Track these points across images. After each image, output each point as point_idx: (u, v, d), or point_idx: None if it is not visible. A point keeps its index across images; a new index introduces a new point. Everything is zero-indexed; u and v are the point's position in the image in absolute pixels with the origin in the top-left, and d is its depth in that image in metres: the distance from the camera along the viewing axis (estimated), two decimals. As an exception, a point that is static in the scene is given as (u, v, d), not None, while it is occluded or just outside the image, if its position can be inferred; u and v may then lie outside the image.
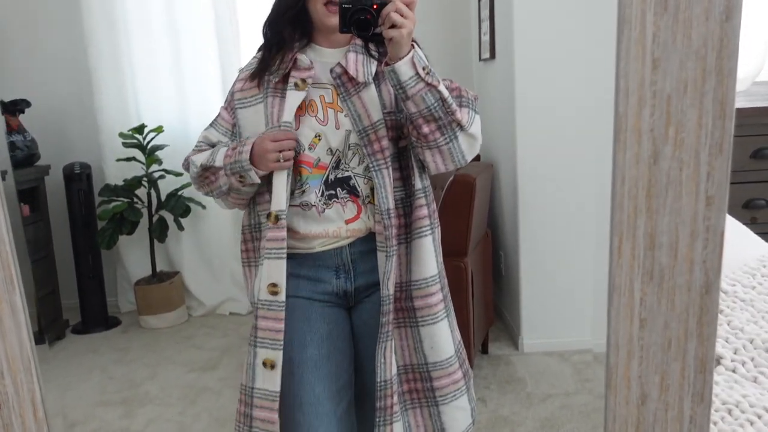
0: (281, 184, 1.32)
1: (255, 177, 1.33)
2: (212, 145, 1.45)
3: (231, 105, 1.43)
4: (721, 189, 0.68)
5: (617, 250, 0.71)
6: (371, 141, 1.31)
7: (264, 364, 1.33)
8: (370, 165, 1.31)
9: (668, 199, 0.69)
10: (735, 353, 1.22)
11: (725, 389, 1.11)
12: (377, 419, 1.36)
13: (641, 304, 0.72)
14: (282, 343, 1.33)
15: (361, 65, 1.34)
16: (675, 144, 0.68)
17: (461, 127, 1.28)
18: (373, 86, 1.34)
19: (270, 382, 1.33)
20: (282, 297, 1.33)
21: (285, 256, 1.33)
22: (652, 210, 0.70)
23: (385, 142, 1.32)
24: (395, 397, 1.37)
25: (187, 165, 1.48)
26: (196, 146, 1.47)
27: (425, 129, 1.27)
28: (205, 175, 1.42)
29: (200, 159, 1.42)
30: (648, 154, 0.68)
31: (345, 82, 1.33)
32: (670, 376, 0.73)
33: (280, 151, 1.30)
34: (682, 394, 0.74)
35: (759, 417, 1.02)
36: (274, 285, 1.33)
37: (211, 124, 1.47)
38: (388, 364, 1.34)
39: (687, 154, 0.68)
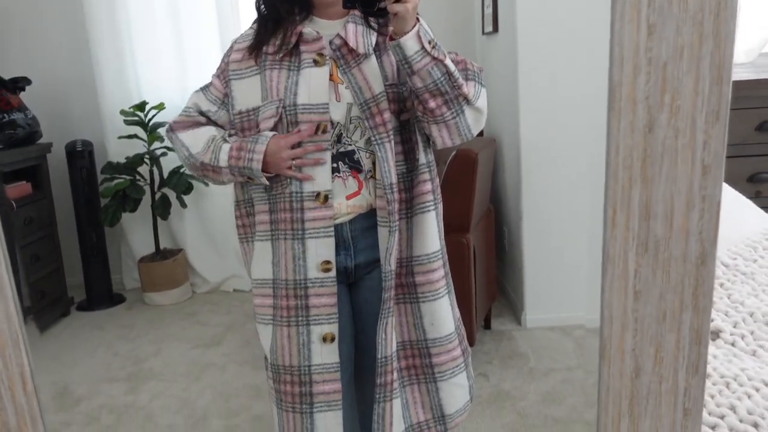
0: (325, 164, 1.31)
1: (265, 181, 1.32)
2: (201, 113, 1.41)
3: (225, 75, 1.40)
4: (717, 157, 0.67)
5: (611, 220, 0.70)
6: (373, 114, 1.30)
7: (324, 339, 1.33)
8: (372, 138, 1.30)
9: (663, 168, 0.68)
10: (734, 327, 1.22)
11: (724, 363, 1.10)
12: (377, 395, 1.36)
13: (636, 276, 0.71)
14: (338, 316, 1.34)
15: (360, 36, 1.32)
16: (671, 112, 0.66)
17: (468, 101, 1.26)
18: (373, 57, 1.32)
19: (331, 355, 1.34)
20: (333, 273, 1.33)
21: (333, 233, 1.32)
22: (647, 179, 0.68)
23: (387, 115, 1.30)
24: (395, 374, 1.37)
25: (170, 134, 1.44)
26: (185, 111, 1.43)
27: (432, 104, 1.25)
28: (204, 169, 1.39)
29: (193, 144, 1.38)
30: (643, 123, 0.67)
31: (345, 54, 1.31)
32: (664, 348, 0.73)
33: (295, 158, 1.30)
34: (677, 366, 0.73)
35: (757, 390, 1.02)
36: (327, 263, 1.32)
37: (202, 90, 1.43)
38: (389, 341, 1.34)
39: (683, 121, 0.67)
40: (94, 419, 2.49)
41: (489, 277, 2.91)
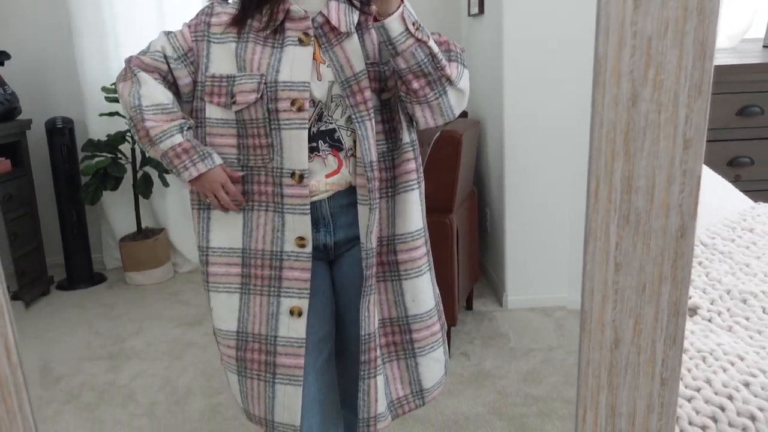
0: (301, 143, 1.30)
1: (185, 188, 1.33)
2: (165, 59, 1.35)
3: (199, 31, 1.35)
4: (699, 131, 0.68)
5: (594, 193, 0.71)
6: (354, 92, 1.30)
7: (291, 312, 1.34)
8: (353, 116, 1.30)
9: (646, 142, 0.69)
10: (712, 303, 1.24)
11: (701, 338, 1.12)
12: (361, 372, 1.37)
13: (617, 248, 0.72)
14: (309, 291, 1.34)
15: (343, 14, 1.31)
16: (654, 86, 0.67)
17: (450, 82, 1.27)
18: (355, 36, 1.32)
19: (297, 329, 1.35)
20: (309, 249, 1.33)
21: (308, 211, 1.32)
22: (629, 153, 0.69)
23: (368, 93, 1.30)
24: (378, 351, 1.38)
25: (131, 70, 1.36)
26: (152, 55, 1.36)
27: (415, 85, 1.25)
28: (142, 131, 1.34)
29: (148, 99, 1.32)
30: (627, 97, 0.68)
31: (327, 32, 1.31)
32: (643, 320, 0.74)
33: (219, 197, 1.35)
34: (655, 338, 0.74)
35: (732, 364, 1.04)
36: (301, 238, 1.33)
37: (167, 34, 1.38)
38: (372, 318, 1.35)
39: (666, 96, 0.67)
40: (75, 397, 2.48)
41: (471, 258, 2.93)
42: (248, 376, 1.39)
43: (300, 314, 1.34)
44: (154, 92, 1.34)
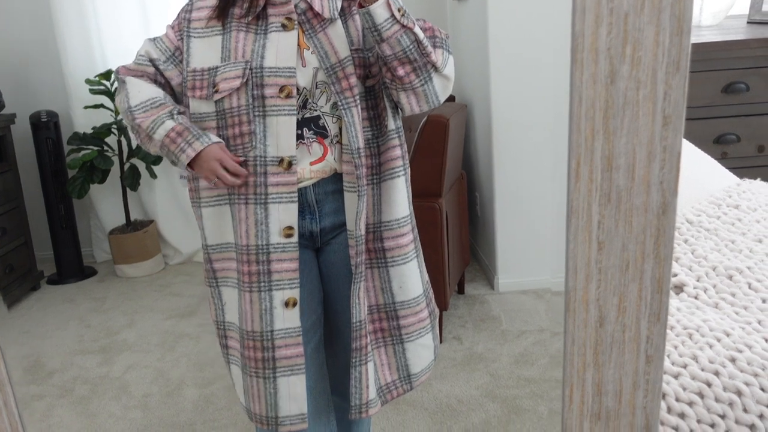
0: (289, 129, 1.29)
1: (186, 174, 1.32)
2: (152, 62, 1.37)
3: (181, 28, 1.36)
4: (678, 108, 0.68)
5: (575, 172, 0.71)
6: (339, 78, 1.29)
7: (286, 304, 1.33)
8: (339, 103, 1.29)
9: (625, 119, 0.69)
10: (698, 281, 1.24)
11: (687, 315, 1.13)
12: (353, 359, 1.37)
13: (599, 227, 0.72)
14: (299, 281, 1.34)
15: (326, 1, 1.31)
16: (632, 63, 0.67)
17: (436, 68, 1.27)
18: (339, 22, 1.31)
19: (292, 320, 1.34)
20: (296, 239, 1.32)
21: (296, 199, 1.31)
22: (609, 131, 0.69)
23: (353, 80, 1.29)
24: (369, 337, 1.38)
25: (120, 80, 1.39)
26: (137, 60, 1.39)
27: (400, 71, 1.25)
28: (137, 130, 1.36)
29: (137, 99, 1.34)
30: (605, 74, 0.68)
31: (310, 18, 1.30)
32: (627, 298, 0.74)
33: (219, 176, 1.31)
34: (639, 315, 0.75)
35: (718, 340, 1.05)
36: (290, 228, 1.31)
37: (153, 40, 1.39)
38: (362, 305, 1.35)
39: (644, 73, 0.67)
40: (68, 391, 2.48)
41: (462, 242, 2.94)
42: (248, 374, 1.38)
43: (295, 304, 1.34)
44: (142, 90, 1.34)
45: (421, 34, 1.22)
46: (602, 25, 0.66)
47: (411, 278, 1.42)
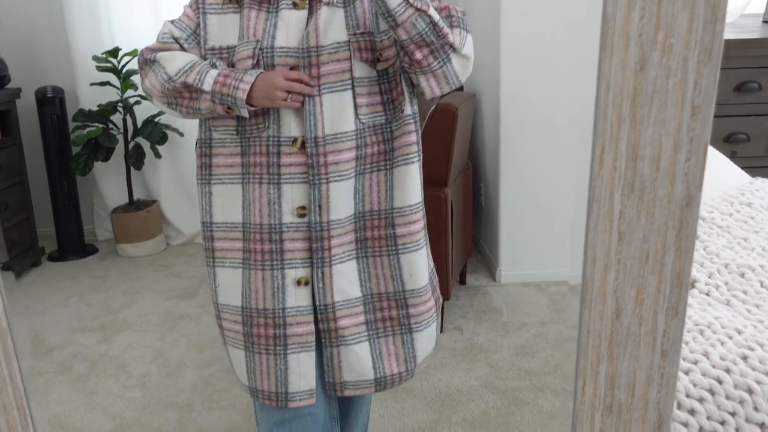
0: (300, 109, 1.28)
1: (245, 113, 1.28)
2: (175, 40, 1.36)
3: (198, 5, 1.35)
4: (708, 98, 0.66)
5: (599, 160, 0.69)
6: (310, 64, 1.27)
7: (297, 282, 1.33)
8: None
9: (653, 108, 0.67)
10: (710, 277, 1.23)
11: (698, 311, 1.12)
12: (323, 340, 1.38)
13: (620, 217, 0.71)
14: (311, 261, 1.33)
15: None
16: (663, 50, 0.65)
17: (454, 48, 1.25)
18: (339, 9, 1.29)
19: (304, 298, 1.34)
20: (308, 219, 1.32)
21: (308, 180, 1.30)
22: (636, 120, 0.68)
23: (327, 69, 1.27)
24: (341, 322, 1.37)
25: (148, 60, 1.37)
26: (161, 39, 1.37)
27: (418, 55, 1.23)
28: (183, 92, 1.33)
29: (173, 67, 1.32)
30: (635, 60, 0.66)
31: (311, 0, 1.29)
32: (645, 290, 0.73)
33: (290, 92, 1.25)
34: (657, 309, 0.73)
35: (730, 337, 1.04)
36: (302, 208, 1.31)
37: (172, 21, 1.38)
38: (328, 290, 1.34)
39: (675, 61, 0.65)
40: (67, 368, 2.48)
41: (465, 232, 2.93)
42: (256, 351, 1.38)
43: (306, 283, 1.34)
44: (176, 58, 1.33)
45: (436, 16, 1.20)
46: (635, 9, 0.64)
47: (421, 267, 1.41)
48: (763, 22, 3.01)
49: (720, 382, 0.96)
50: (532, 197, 2.93)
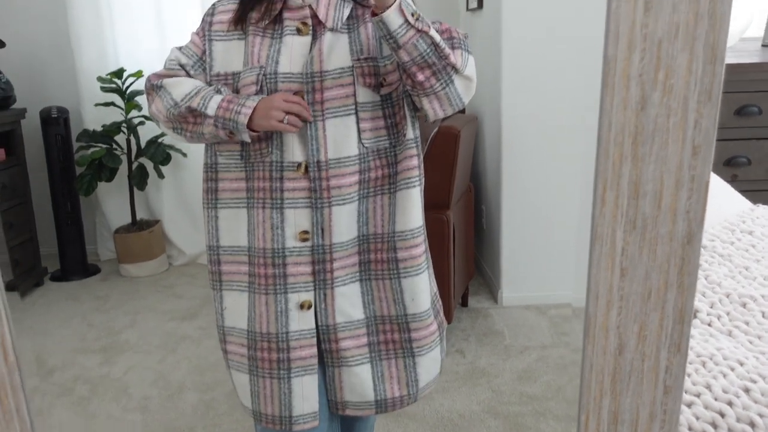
0: (303, 134, 1.29)
1: (247, 138, 1.29)
2: (182, 67, 1.37)
3: (205, 33, 1.37)
4: (708, 137, 0.67)
5: (601, 198, 0.70)
6: (315, 89, 1.28)
7: (301, 306, 1.34)
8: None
9: (654, 146, 0.68)
10: (711, 307, 1.23)
11: (700, 342, 1.12)
12: (325, 359, 1.40)
13: (623, 254, 0.71)
14: (314, 284, 1.34)
15: (332, 9, 1.31)
16: (664, 90, 0.66)
17: (456, 69, 1.25)
18: (342, 34, 1.30)
19: (307, 322, 1.35)
20: (311, 243, 1.33)
21: (311, 204, 1.31)
22: (637, 158, 0.68)
23: (329, 94, 1.28)
24: (343, 343, 1.38)
25: (154, 86, 1.38)
26: (167, 66, 1.38)
27: (420, 77, 1.23)
28: (188, 116, 1.34)
29: (179, 92, 1.34)
30: (636, 100, 0.67)
31: (315, 25, 1.31)
32: (648, 327, 0.73)
33: (288, 113, 1.26)
34: (660, 345, 0.73)
35: (732, 369, 1.03)
36: (305, 232, 1.32)
37: (179, 48, 1.40)
38: (330, 311, 1.36)
39: (675, 100, 0.66)
40: (68, 390, 2.47)
41: (467, 254, 2.93)
42: (260, 375, 1.39)
43: (310, 307, 1.35)
44: (182, 84, 1.34)
45: (437, 37, 1.21)
46: (635, 51, 0.65)
47: (424, 290, 1.41)
48: (762, 46, 3.03)
49: (722, 415, 0.95)
50: (534, 219, 2.94)
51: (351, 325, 1.39)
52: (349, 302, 1.38)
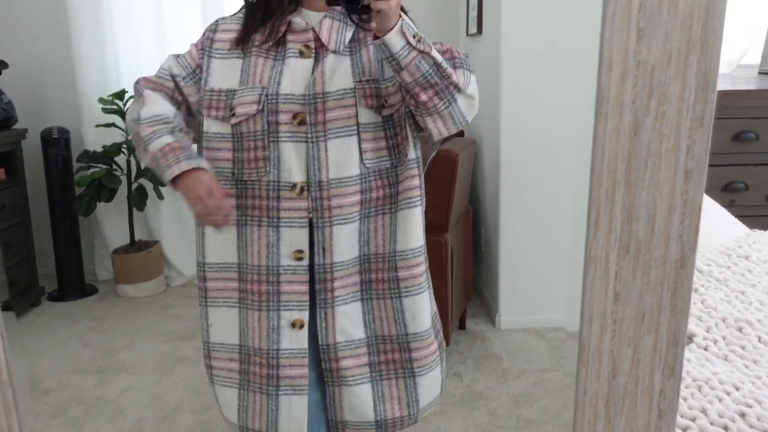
0: (301, 156, 1.31)
1: (170, 188, 1.29)
2: (173, 77, 1.38)
3: (204, 47, 1.37)
4: (700, 162, 0.68)
5: (594, 223, 0.70)
6: (317, 110, 1.30)
7: (293, 324, 1.35)
8: (309, 134, 1.30)
9: (647, 172, 0.69)
10: (707, 331, 1.23)
11: (696, 366, 1.12)
12: (325, 379, 1.40)
13: (616, 278, 0.72)
14: (308, 303, 1.35)
15: (335, 32, 1.33)
16: (656, 116, 0.67)
17: (458, 89, 1.27)
18: (345, 57, 1.32)
19: (298, 341, 1.36)
20: (306, 262, 1.34)
21: (306, 224, 1.32)
22: (630, 183, 0.69)
23: (332, 115, 1.30)
24: (343, 362, 1.38)
25: (138, 91, 1.39)
26: (159, 74, 1.39)
27: (423, 97, 1.25)
28: (138, 137, 1.34)
29: (147, 110, 1.33)
30: (629, 127, 0.68)
31: (317, 48, 1.33)
32: (641, 350, 0.73)
33: (201, 207, 1.24)
34: (653, 368, 0.74)
35: (728, 394, 1.03)
36: (300, 251, 1.33)
37: (176, 56, 1.41)
38: (330, 330, 1.36)
39: (668, 127, 0.67)
40: (63, 411, 2.45)
41: (465, 277, 2.93)
42: (250, 390, 1.40)
43: (302, 326, 1.35)
44: (155, 104, 1.35)
45: (439, 57, 1.23)
46: (628, 78, 0.66)
47: (424, 310, 1.42)
48: (759, 73, 3.06)
49: (718, 440, 0.95)
50: (533, 242, 2.94)
51: (352, 345, 1.39)
52: (350, 321, 1.39)
